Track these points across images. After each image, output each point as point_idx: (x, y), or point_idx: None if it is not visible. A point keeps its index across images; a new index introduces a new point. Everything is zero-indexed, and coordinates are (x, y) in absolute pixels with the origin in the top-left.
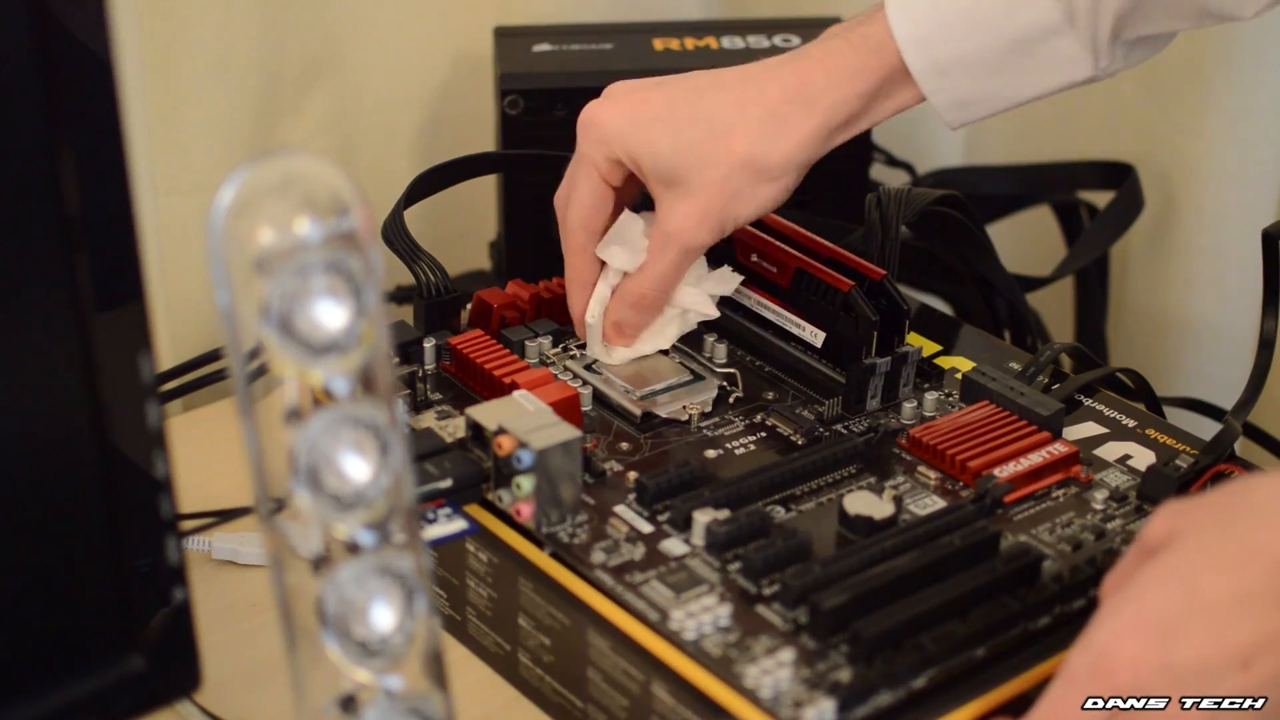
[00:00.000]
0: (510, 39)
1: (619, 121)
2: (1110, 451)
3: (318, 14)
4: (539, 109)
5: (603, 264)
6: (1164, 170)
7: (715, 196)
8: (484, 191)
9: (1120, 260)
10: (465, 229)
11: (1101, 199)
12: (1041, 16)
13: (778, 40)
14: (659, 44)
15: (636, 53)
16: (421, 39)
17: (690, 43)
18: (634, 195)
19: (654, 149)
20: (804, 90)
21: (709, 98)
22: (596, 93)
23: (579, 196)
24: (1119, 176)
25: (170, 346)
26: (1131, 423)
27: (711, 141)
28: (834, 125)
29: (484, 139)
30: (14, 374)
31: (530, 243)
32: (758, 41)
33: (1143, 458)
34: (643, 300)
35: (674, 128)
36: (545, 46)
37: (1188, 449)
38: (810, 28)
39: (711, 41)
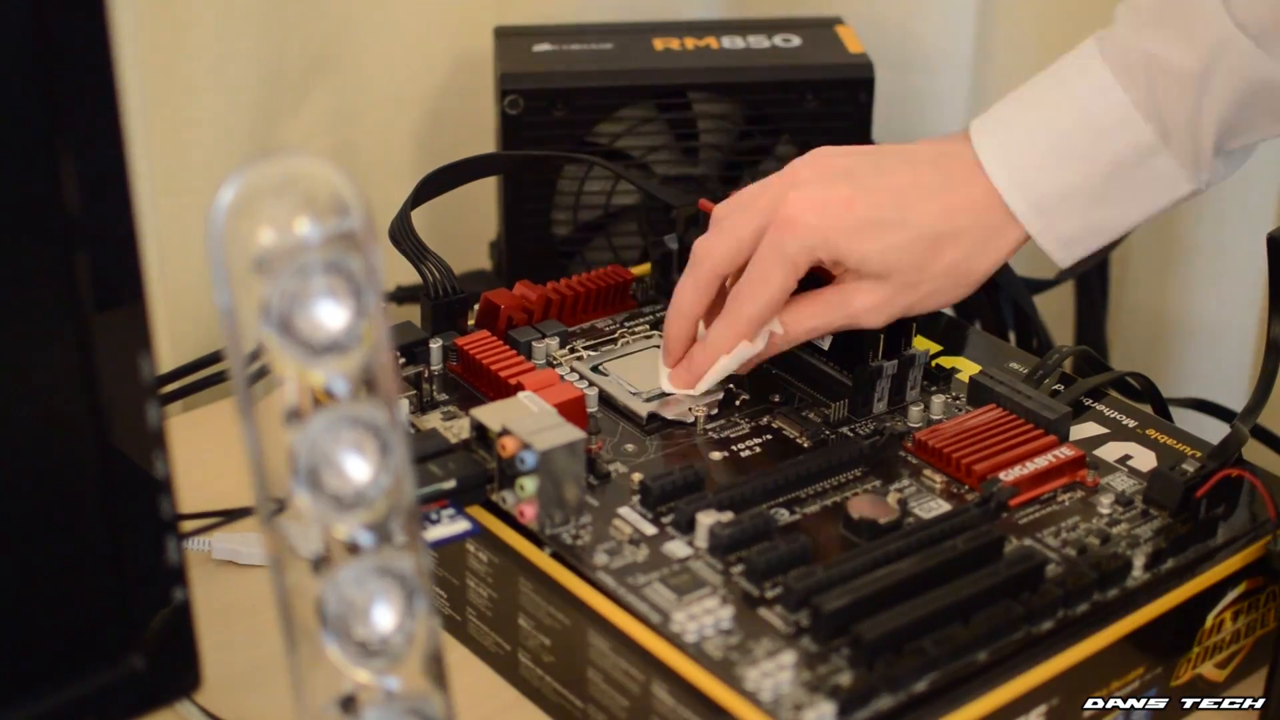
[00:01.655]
0: (510, 39)
1: (824, 228)
2: (1115, 454)
3: (318, 14)
4: (539, 109)
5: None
6: None
7: (912, 295)
8: (484, 191)
9: (1120, 261)
10: (465, 229)
11: None
12: (1137, 138)
13: (778, 40)
14: (659, 44)
15: (636, 53)
16: (421, 39)
17: (690, 43)
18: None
19: (862, 254)
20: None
21: (914, 203)
22: (596, 93)
23: (771, 293)
24: None
25: (170, 347)
26: (1136, 425)
27: (921, 248)
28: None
29: (484, 139)
30: (14, 374)
31: (531, 242)
32: (758, 41)
33: (1148, 461)
34: (773, 347)
35: (881, 233)
36: (545, 46)
37: (1194, 452)
38: (810, 28)
39: (712, 41)
